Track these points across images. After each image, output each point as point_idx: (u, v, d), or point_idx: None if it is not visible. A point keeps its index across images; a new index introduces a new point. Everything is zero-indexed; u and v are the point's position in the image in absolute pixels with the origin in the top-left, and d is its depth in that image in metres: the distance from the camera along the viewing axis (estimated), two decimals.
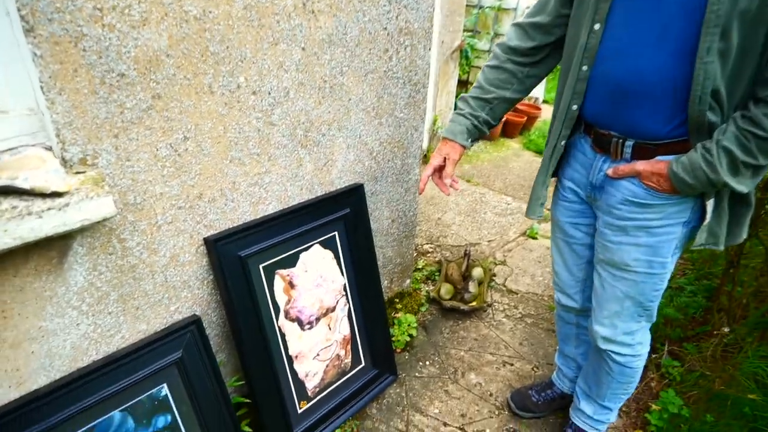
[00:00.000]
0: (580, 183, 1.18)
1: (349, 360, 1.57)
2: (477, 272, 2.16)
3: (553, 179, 1.26)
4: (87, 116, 0.92)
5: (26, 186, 0.83)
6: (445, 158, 1.23)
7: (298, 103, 1.27)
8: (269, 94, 1.19)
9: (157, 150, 1.04)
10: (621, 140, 1.04)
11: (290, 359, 1.40)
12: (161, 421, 1.15)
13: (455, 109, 1.21)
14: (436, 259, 2.38)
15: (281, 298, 1.36)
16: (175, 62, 1.00)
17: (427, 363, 1.79)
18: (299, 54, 1.21)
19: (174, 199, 1.11)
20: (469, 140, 1.23)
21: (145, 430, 1.12)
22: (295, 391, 1.41)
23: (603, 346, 1.21)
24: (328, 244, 1.47)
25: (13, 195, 0.85)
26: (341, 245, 1.50)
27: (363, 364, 1.61)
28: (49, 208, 0.85)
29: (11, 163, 0.86)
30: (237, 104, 1.14)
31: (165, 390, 1.16)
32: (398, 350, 1.82)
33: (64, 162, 0.92)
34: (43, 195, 0.86)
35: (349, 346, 1.56)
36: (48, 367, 1.02)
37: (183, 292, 1.21)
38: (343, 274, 1.52)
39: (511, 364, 1.81)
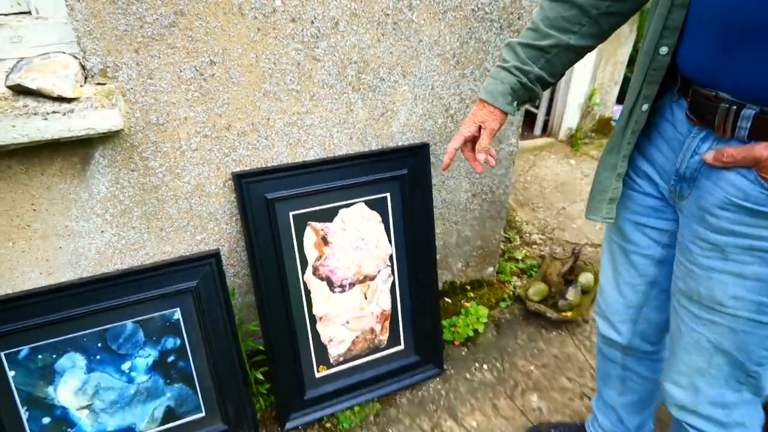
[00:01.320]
0: (662, 169, 0.84)
1: (384, 338, 1.45)
2: (585, 278, 1.78)
3: None
4: (106, 26, 0.93)
5: (33, 86, 0.88)
6: (480, 127, 0.95)
7: (350, 38, 1.12)
8: (312, 23, 1.07)
9: (181, 71, 1.02)
10: (734, 107, 0.68)
11: (313, 319, 1.34)
12: (170, 342, 1.21)
13: (504, 63, 0.89)
14: (543, 252, 2.04)
15: (311, 253, 1.29)
16: None
17: (485, 367, 1.56)
18: None
19: (199, 126, 1.10)
20: (515, 103, 0.93)
21: (153, 347, 1.20)
22: (314, 352, 1.36)
23: (678, 415, 0.85)
24: (376, 205, 1.33)
25: (31, 96, 0.92)
26: (392, 209, 1.35)
27: (402, 346, 1.47)
28: (54, 112, 0.90)
29: (38, 66, 0.93)
30: (272, 31, 1.05)
31: (177, 314, 1.20)
32: (456, 342, 1.63)
33: (85, 71, 0.96)
34: (52, 99, 0.91)
35: (387, 323, 1.44)
36: (75, 265, 1.13)
37: (209, 223, 1.23)
38: (390, 243, 1.38)
39: (590, 398, 1.47)
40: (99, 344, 1.14)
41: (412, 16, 1.16)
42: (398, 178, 1.32)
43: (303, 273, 1.29)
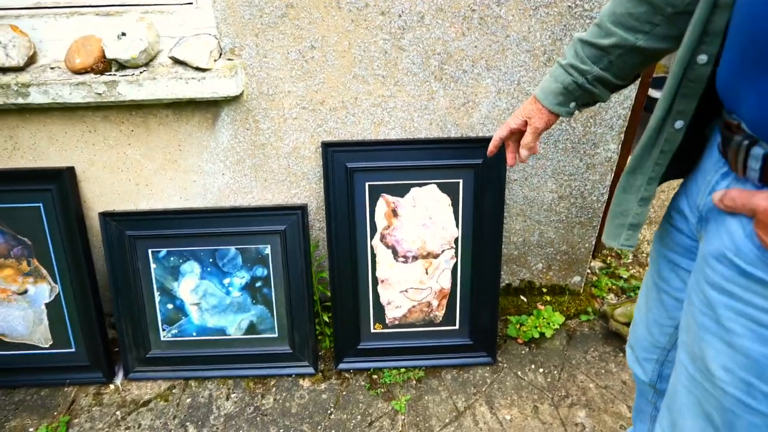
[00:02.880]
0: (693, 202, 0.76)
1: (440, 314, 1.58)
2: None
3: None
4: (236, 15, 1.24)
5: (181, 58, 1.24)
6: (526, 121, 0.94)
7: (435, 30, 1.25)
8: (399, 16, 1.23)
9: (288, 53, 1.29)
10: (746, 142, 0.61)
11: (375, 280, 1.54)
12: (260, 271, 1.55)
13: (562, 59, 0.86)
14: None
15: (380, 221, 1.49)
16: None
17: (540, 370, 1.59)
18: None
19: (299, 99, 1.36)
20: (571, 104, 0.88)
21: (247, 271, 1.55)
22: (372, 309, 1.57)
23: None
24: (447, 189, 1.45)
25: (181, 65, 1.28)
26: (464, 195, 1.46)
27: (456, 327, 1.59)
28: (192, 78, 1.25)
29: (191, 43, 1.28)
30: (363, 22, 1.24)
31: (268, 250, 1.53)
32: (519, 340, 1.67)
33: (221, 49, 1.30)
34: (193, 68, 1.26)
35: (445, 301, 1.57)
36: (203, 196, 1.52)
37: (302, 181, 1.51)
38: (457, 227, 1.49)
39: None
40: (210, 259, 1.53)
41: (500, 11, 1.23)
42: (473, 167, 1.42)
43: (371, 238, 1.50)
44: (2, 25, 1.27)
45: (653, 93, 3.14)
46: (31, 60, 1.31)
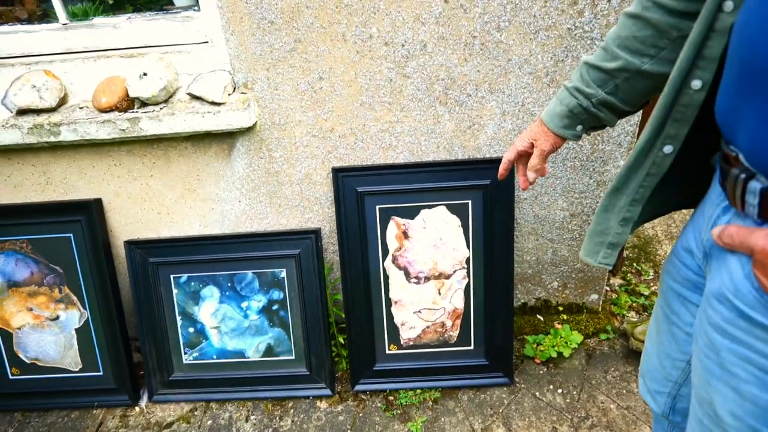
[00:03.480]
0: (698, 236, 0.74)
1: (455, 334, 1.60)
2: None
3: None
4: (248, 51, 1.33)
5: (198, 94, 1.33)
6: (532, 143, 0.94)
7: (437, 57, 1.31)
8: (402, 46, 1.30)
9: (298, 85, 1.37)
10: (743, 176, 0.59)
11: (389, 302, 1.58)
12: (276, 294, 1.61)
13: (568, 82, 0.87)
14: None
15: (392, 243, 1.53)
16: (312, 12, 1.27)
17: (559, 391, 1.59)
18: (440, 6, 1.24)
19: (309, 127, 1.43)
20: (578, 128, 0.88)
21: (264, 295, 1.61)
22: (387, 331, 1.60)
23: None
24: (457, 210, 1.49)
25: (198, 100, 1.37)
26: (473, 216, 1.49)
27: (472, 347, 1.60)
28: (208, 112, 1.33)
29: (206, 79, 1.38)
30: (368, 53, 1.31)
31: (283, 273, 1.59)
32: (537, 360, 1.67)
33: (234, 83, 1.39)
34: (209, 103, 1.35)
35: (458, 321, 1.59)
36: (221, 223, 1.60)
37: (315, 206, 1.57)
38: (468, 247, 1.52)
39: None
40: (228, 284, 1.60)
41: (501, 37, 1.28)
42: (481, 188, 1.45)
43: (384, 260, 1.55)
44: (37, 70, 1.40)
45: None
46: (62, 101, 1.43)
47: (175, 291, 1.60)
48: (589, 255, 0.86)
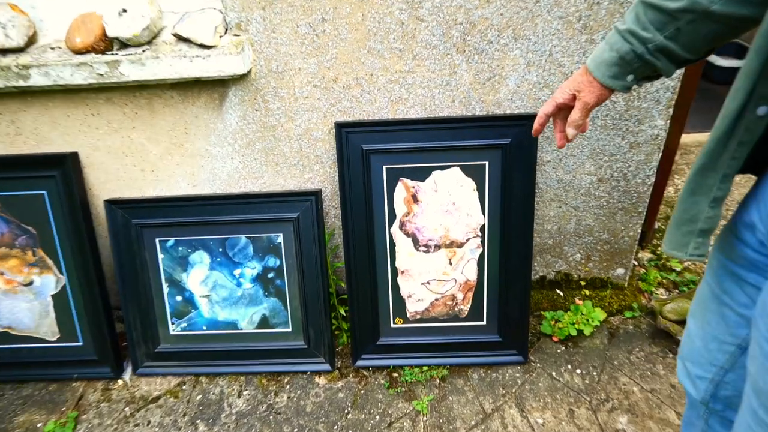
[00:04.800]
0: (764, 211, 0.73)
1: (466, 308, 1.62)
2: None
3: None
4: None
5: (185, 35, 1.30)
6: (574, 95, 0.92)
7: None
8: None
9: (298, 27, 1.34)
10: None
11: (395, 271, 1.59)
12: (272, 261, 1.62)
13: (620, 24, 0.83)
14: None
15: (400, 207, 1.53)
16: None
17: (578, 371, 1.61)
18: None
19: (310, 76, 1.41)
20: (628, 77, 0.85)
21: (259, 262, 1.62)
22: (392, 303, 1.62)
23: None
24: (472, 172, 1.49)
25: (185, 42, 1.35)
26: (490, 179, 1.49)
27: (484, 322, 1.63)
28: (196, 56, 1.31)
29: (195, 18, 1.35)
30: None
31: (280, 239, 1.60)
32: (555, 338, 1.70)
33: (227, 24, 1.35)
34: (197, 45, 1.32)
35: (470, 294, 1.61)
36: (211, 182, 1.60)
37: (315, 165, 1.56)
38: (483, 213, 1.52)
39: None
40: (220, 249, 1.61)
41: None
42: (500, 147, 1.44)
43: (390, 226, 1.55)
44: (2, 4, 1.36)
45: (716, 59, 3.07)
46: (32, 40, 1.40)
47: (161, 256, 1.61)
48: (677, 248, 0.82)
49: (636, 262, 1.94)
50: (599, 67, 0.86)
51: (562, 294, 1.78)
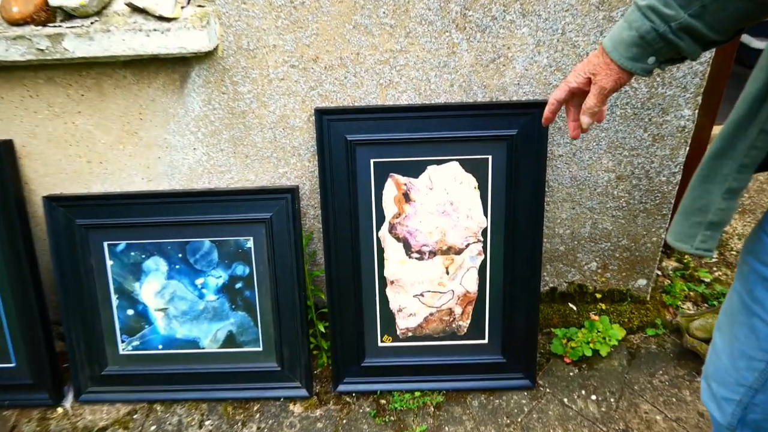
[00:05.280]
0: None
1: (465, 324, 1.65)
2: None
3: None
4: None
5: (140, 5, 1.32)
6: (589, 79, 0.95)
7: None
8: None
9: None
10: None
11: (383, 281, 1.61)
12: (240, 269, 1.63)
13: (640, 0, 0.84)
14: None
15: (389, 207, 1.55)
16: None
17: (593, 397, 1.64)
18: None
19: (287, 55, 1.43)
20: (649, 60, 0.87)
21: (225, 270, 1.63)
22: (380, 318, 1.64)
23: None
24: (473, 168, 1.51)
25: (141, 13, 1.36)
26: (493, 175, 1.52)
27: (485, 341, 1.65)
28: (154, 29, 1.32)
29: None
30: None
31: (250, 243, 1.61)
32: (567, 359, 1.73)
33: None
34: (155, 17, 1.34)
35: (470, 308, 1.63)
36: (170, 176, 1.61)
37: (292, 158, 1.58)
38: (485, 215, 1.55)
39: None
40: (179, 254, 1.62)
41: None
42: (505, 139, 1.47)
43: (378, 228, 1.57)
44: None
45: (751, 41, 3.13)
46: None
47: (110, 262, 1.62)
48: (682, 239, 0.86)
49: (659, 272, 1.98)
50: (617, 48, 0.89)
51: (575, 308, 1.81)
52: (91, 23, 1.35)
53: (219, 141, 1.56)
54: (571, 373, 1.71)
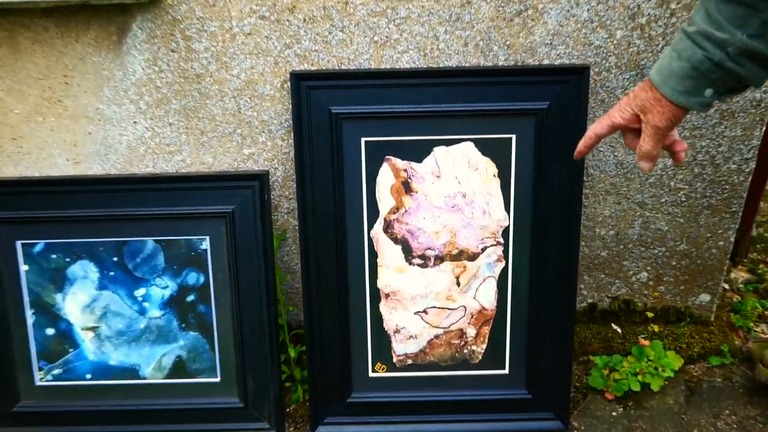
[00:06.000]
0: None
1: (480, 350, 1.64)
2: None
3: None
4: None
5: None
6: (638, 116, 1.04)
7: None
8: None
9: None
10: None
11: (376, 294, 1.60)
12: (192, 277, 1.62)
13: (689, 26, 0.94)
14: None
15: (386, 200, 1.54)
16: None
17: None
18: None
19: (256, 3, 1.42)
20: (706, 92, 0.96)
21: (173, 278, 1.61)
22: (371, 341, 1.63)
23: None
24: (493, 150, 1.51)
25: None
26: (518, 160, 1.51)
27: (506, 371, 1.65)
28: None
29: None
30: None
31: (206, 244, 1.59)
32: (608, 395, 1.73)
33: None
34: None
35: (486, 329, 1.63)
36: (103, 157, 1.59)
37: (261, 136, 1.57)
38: (508, 210, 1.55)
39: None
40: (115, 258, 1.60)
41: None
42: (533, 114, 1.47)
43: (370, 226, 1.56)
44: None
45: None
46: None
47: (24, 267, 1.61)
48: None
49: (727, 285, 1.98)
50: (667, 81, 0.97)
51: (620, 331, 1.81)
52: None
53: (167, 112, 1.55)
54: (613, 413, 1.71)
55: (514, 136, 1.49)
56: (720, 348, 1.82)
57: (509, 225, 1.56)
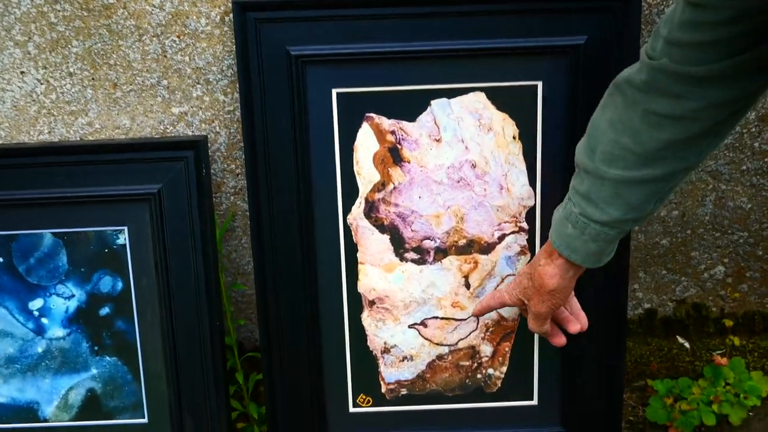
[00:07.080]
0: None
1: (498, 373, 1.66)
2: None
3: None
4: None
5: None
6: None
7: None
8: None
9: None
10: None
11: (355, 299, 1.62)
12: (107, 282, 1.63)
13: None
14: None
15: (367, 171, 1.56)
16: None
17: None
18: None
19: None
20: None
21: (80, 285, 1.62)
22: (351, 365, 1.66)
23: None
24: (511, 103, 1.52)
25: None
26: (546, 114, 1.52)
27: (534, 401, 1.67)
28: None
29: None
30: None
31: (124, 237, 1.61)
32: (672, 430, 1.76)
33: None
34: None
35: (507, 347, 1.65)
36: None
37: (195, 88, 1.59)
38: (534, 184, 1.56)
39: None
40: (1, 259, 1.62)
41: None
42: (565, 52, 1.48)
43: (346, 210, 1.58)
44: None
45: None
46: None
47: None
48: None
49: None
50: (586, 261, 1.32)
51: (687, 345, 1.83)
52: None
53: (66, 58, 1.56)
54: None
55: (540, 84, 1.51)
56: None
57: (535, 205, 1.58)
